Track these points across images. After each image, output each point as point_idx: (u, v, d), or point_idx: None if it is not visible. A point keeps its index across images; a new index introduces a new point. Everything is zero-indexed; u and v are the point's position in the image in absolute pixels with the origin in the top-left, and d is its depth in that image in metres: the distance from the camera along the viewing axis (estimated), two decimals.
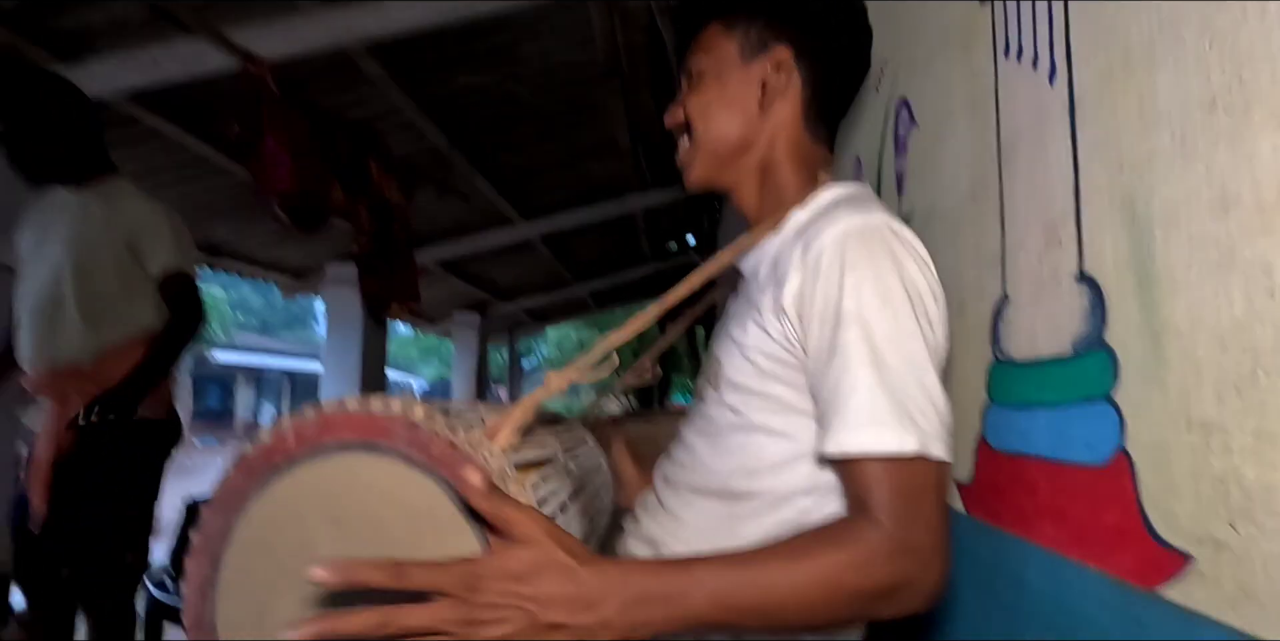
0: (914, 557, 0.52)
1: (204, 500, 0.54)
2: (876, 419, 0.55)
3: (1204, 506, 0.46)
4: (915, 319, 0.59)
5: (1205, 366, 0.47)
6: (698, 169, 0.78)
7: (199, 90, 2.61)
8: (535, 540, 0.48)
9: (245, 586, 0.52)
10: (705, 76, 0.76)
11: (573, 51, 3.19)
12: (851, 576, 0.51)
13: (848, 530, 0.54)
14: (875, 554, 0.52)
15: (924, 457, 0.54)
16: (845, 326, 0.58)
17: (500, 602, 0.47)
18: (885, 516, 0.53)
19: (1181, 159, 0.50)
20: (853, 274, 0.59)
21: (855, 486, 0.56)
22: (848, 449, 0.55)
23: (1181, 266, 0.50)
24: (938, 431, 0.56)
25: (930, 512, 0.54)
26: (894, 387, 0.56)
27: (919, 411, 0.55)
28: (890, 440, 0.54)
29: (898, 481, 0.54)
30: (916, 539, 0.53)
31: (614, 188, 4.99)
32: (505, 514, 0.48)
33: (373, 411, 0.51)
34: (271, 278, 4.95)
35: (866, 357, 0.57)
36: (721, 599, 0.50)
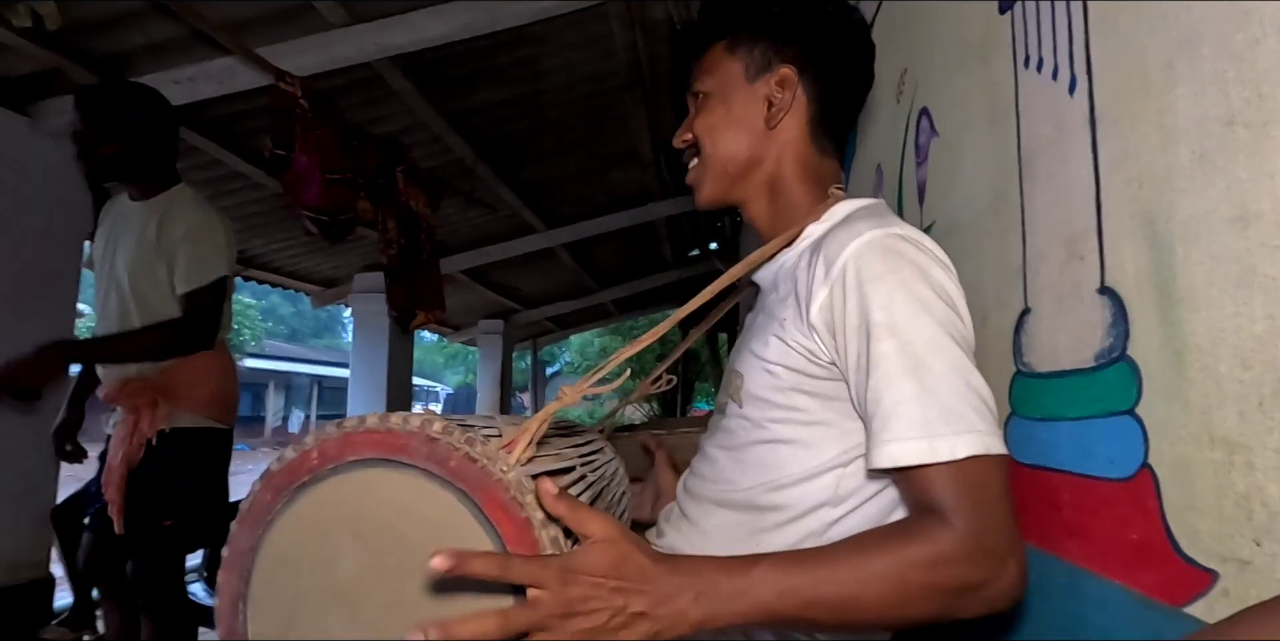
0: (990, 557, 0.52)
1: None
2: (928, 426, 0.55)
3: (1227, 524, 0.46)
4: (950, 322, 0.59)
5: (1227, 383, 0.47)
6: (708, 188, 0.79)
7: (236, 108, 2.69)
8: (613, 538, 0.50)
9: (274, 599, 0.54)
10: (711, 97, 0.78)
11: (595, 63, 3.22)
12: (925, 573, 0.51)
13: (919, 527, 0.54)
14: (950, 552, 0.51)
15: (986, 456, 0.54)
16: (879, 339, 0.58)
17: (592, 595, 0.49)
18: (957, 517, 0.53)
19: (1201, 174, 0.50)
20: (881, 285, 0.60)
21: (918, 493, 0.56)
22: (903, 461, 0.55)
23: (1202, 282, 0.49)
24: (993, 427, 0.56)
25: (1000, 510, 0.54)
26: (941, 392, 0.56)
27: (974, 410, 0.56)
28: (945, 447, 0.54)
29: (962, 484, 0.54)
30: (990, 538, 0.52)
31: (636, 196, 5.02)
32: (581, 515, 0.51)
33: (392, 427, 0.52)
34: (302, 287, 5.05)
35: (907, 367, 0.57)
36: (790, 592, 0.51)
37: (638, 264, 7.19)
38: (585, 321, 9.70)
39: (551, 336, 10.06)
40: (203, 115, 2.72)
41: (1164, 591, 0.52)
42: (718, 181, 0.78)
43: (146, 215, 1.73)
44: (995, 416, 0.57)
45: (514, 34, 2.64)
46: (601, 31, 2.94)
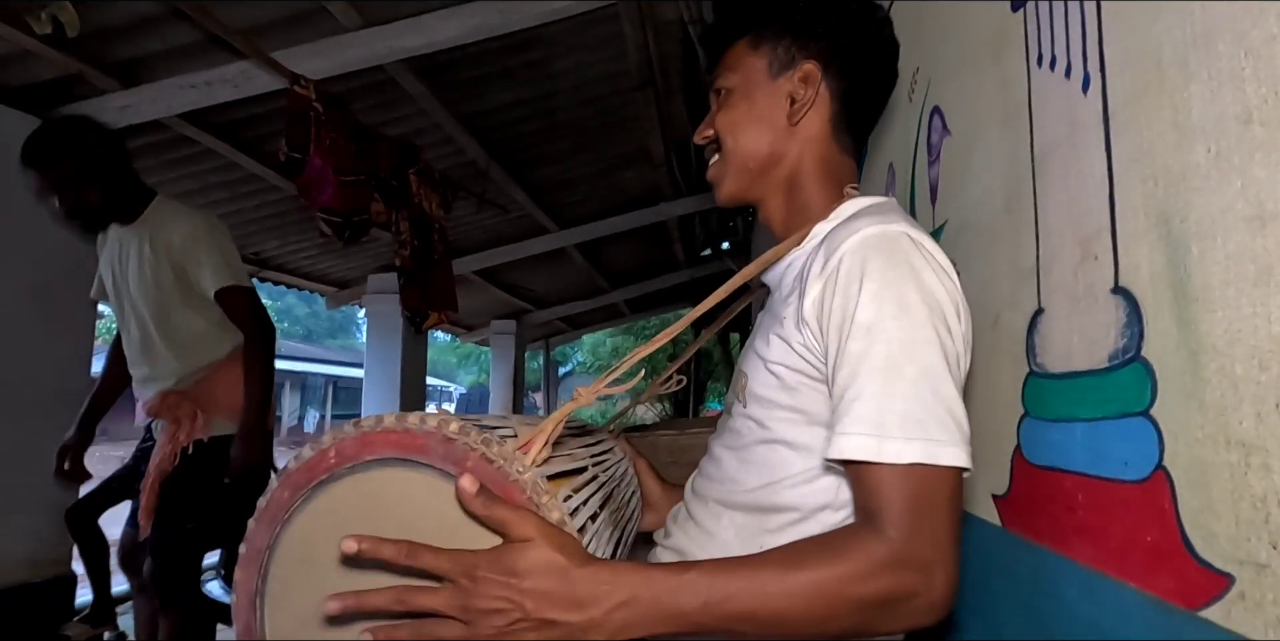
0: (915, 569, 0.51)
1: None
2: (879, 427, 0.54)
3: (1244, 527, 0.45)
4: (932, 328, 0.58)
5: (1244, 384, 0.46)
6: (728, 184, 0.79)
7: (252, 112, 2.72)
8: (530, 539, 0.50)
9: (290, 597, 0.54)
10: (734, 93, 0.77)
11: (606, 64, 3.23)
12: (848, 586, 0.50)
13: (848, 539, 0.53)
14: (874, 564, 0.51)
15: (934, 466, 0.53)
16: (856, 335, 0.58)
17: (496, 594, 0.49)
18: (889, 525, 0.52)
19: (1217, 173, 0.49)
20: (869, 283, 0.59)
21: (861, 494, 0.56)
22: (848, 454, 0.55)
23: (1219, 282, 0.49)
24: (954, 438, 0.55)
25: (938, 523, 0.53)
26: (904, 396, 0.55)
27: (933, 419, 0.54)
28: (892, 449, 0.53)
29: (904, 490, 0.53)
30: (919, 550, 0.51)
31: (648, 196, 5.02)
32: (499, 515, 0.50)
33: (409, 427, 0.53)
34: (317, 288, 5.10)
35: (877, 364, 0.56)
36: (714, 604, 0.50)
37: (650, 264, 7.19)
38: (597, 321, 9.72)
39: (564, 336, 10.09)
40: (219, 119, 2.75)
41: (1179, 595, 0.51)
42: (739, 178, 0.78)
43: (139, 236, 1.74)
44: (960, 429, 0.56)
45: (525, 36, 2.65)
46: (612, 32, 2.94)
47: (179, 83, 2.35)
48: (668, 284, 7.61)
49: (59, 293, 2.36)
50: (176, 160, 2.98)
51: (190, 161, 3.02)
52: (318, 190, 2.30)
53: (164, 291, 1.74)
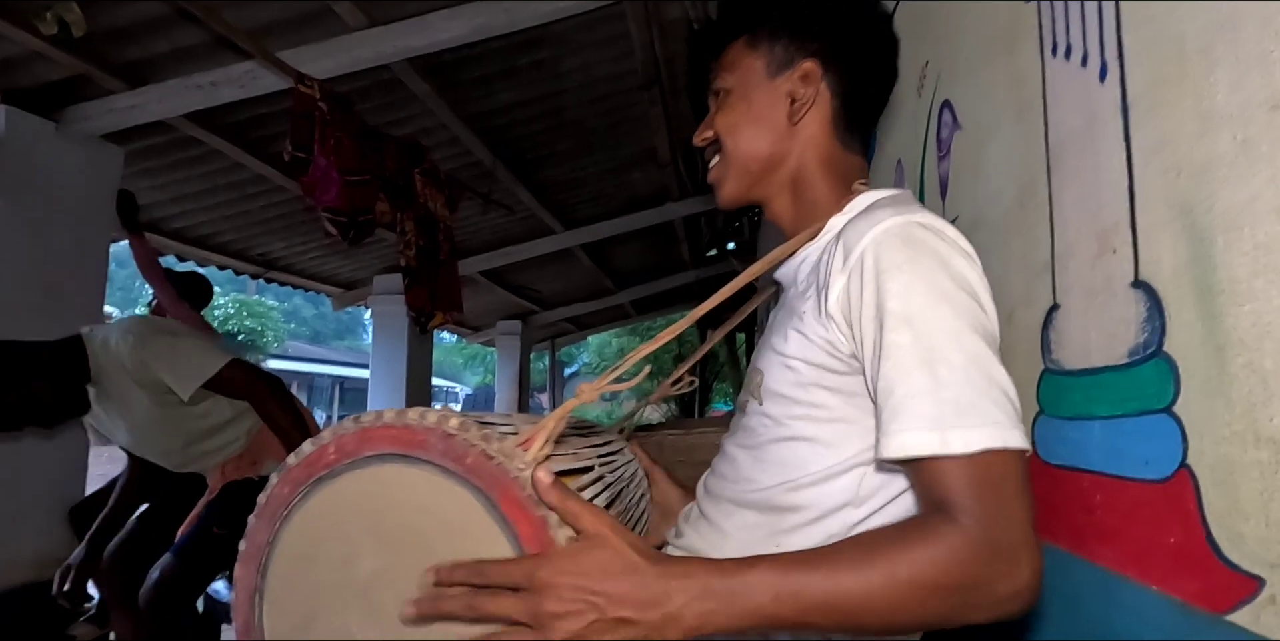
0: (1001, 556, 0.49)
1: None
2: (939, 419, 0.52)
3: (1274, 528, 0.44)
4: (970, 313, 0.57)
5: (1273, 379, 0.44)
6: (730, 186, 0.78)
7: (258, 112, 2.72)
8: (602, 536, 0.49)
9: (290, 594, 0.53)
10: (732, 94, 0.76)
11: (612, 64, 3.22)
12: (931, 574, 0.48)
13: (926, 526, 0.51)
14: (956, 551, 0.49)
15: (1002, 450, 0.51)
16: (893, 329, 0.56)
17: (570, 597, 0.48)
18: (965, 514, 0.50)
19: (1244, 161, 0.48)
20: (899, 274, 0.57)
21: (929, 488, 0.53)
22: (912, 452, 0.53)
23: (1246, 274, 0.47)
24: (1014, 420, 0.53)
25: (1015, 507, 0.50)
26: (958, 384, 0.53)
27: (992, 402, 0.53)
28: (957, 439, 0.51)
29: (975, 478, 0.51)
30: (1001, 536, 0.49)
31: (654, 196, 5.01)
32: (572, 508, 0.50)
33: (409, 423, 0.51)
34: (323, 289, 5.11)
35: (922, 359, 0.54)
36: (788, 596, 0.48)
37: (656, 264, 7.18)
38: (603, 322, 9.70)
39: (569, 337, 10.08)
40: (225, 119, 2.75)
41: (1205, 598, 0.50)
42: (740, 179, 0.77)
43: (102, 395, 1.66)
44: (1017, 410, 0.54)
45: (531, 35, 2.65)
46: (618, 31, 2.93)
47: (185, 83, 2.35)
48: (674, 284, 7.59)
49: (67, 293, 2.37)
50: (183, 161, 2.99)
51: (196, 162, 3.02)
52: (322, 190, 2.29)
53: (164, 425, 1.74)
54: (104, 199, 2.55)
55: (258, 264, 4.31)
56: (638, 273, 7.24)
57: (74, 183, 2.41)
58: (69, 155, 2.39)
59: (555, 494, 0.49)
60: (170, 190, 3.23)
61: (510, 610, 0.48)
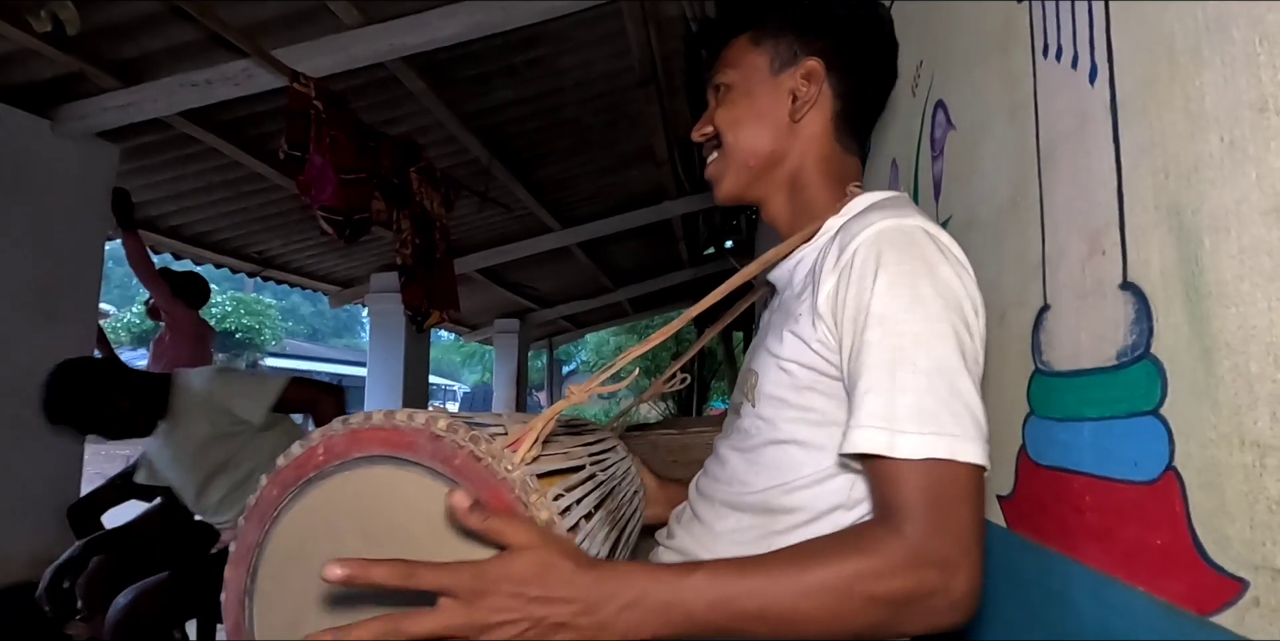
0: (935, 567, 0.49)
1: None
2: (892, 421, 0.53)
3: (1259, 530, 0.44)
4: (948, 322, 0.57)
5: (1259, 383, 0.44)
6: (728, 183, 0.77)
7: (254, 110, 2.72)
8: (534, 545, 0.48)
9: (280, 596, 0.53)
10: (733, 90, 0.76)
11: (610, 62, 3.22)
12: (863, 585, 0.49)
13: (864, 536, 0.51)
14: (891, 562, 0.49)
15: (951, 461, 0.52)
16: (870, 327, 0.57)
17: (507, 605, 0.47)
18: (908, 523, 0.50)
19: (1231, 163, 0.48)
20: (884, 275, 0.58)
21: (878, 489, 0.54)
22: (860, 447, 0.53)
23: (1233, 277, 0.47)
24: (971, 434, 0.53)
25: (960, 520, 0.51)
26: (918, 390, 0.53)
27: (950, 414, 0.53)
28: (905, 444, 0.52)
29: (920, 486, 0.51)
30: (938, 548, 0.50)
31: (652, 194, 5.01)
32: (495, 526, 0.48)
33: (398, 424, 0.52)
34: (320, 287, 5.10)
35: (888, 358, 0.55)
36: (723, 604, 0.48)
37: (653, 263, 7.18)
38: (601, 320, 9.71)
39: (567, 335, 10.08)
40: (221, 117, 2.75)
41: (1190, 599, 0.50)
42: (739, 176, 0.77)
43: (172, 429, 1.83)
44: (978, 424, 0.54)
45: (527, 33, 2.64)
46: (615, 29, 2.93)
47: (180, 81, 2.34)
48: (671, 283, 7.60)
49: (61, 294, 2.36)
50: (179, 159, 2.98)
51: (192, 160, 3.01)
52: (318, 188, 2.29)
53: (213, 451, 1.83)
54: (99, 197, 2.54)
55: (254, 262, 4.31)
56: (635, 271, 7.24)
57: (69, 181, 2.41)
58: (63, 153, 2.39)
59: (473, 518, 0.47)
60: (166, 188, 3.22)
61: (442, 625, 0.46)
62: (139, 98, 2.37)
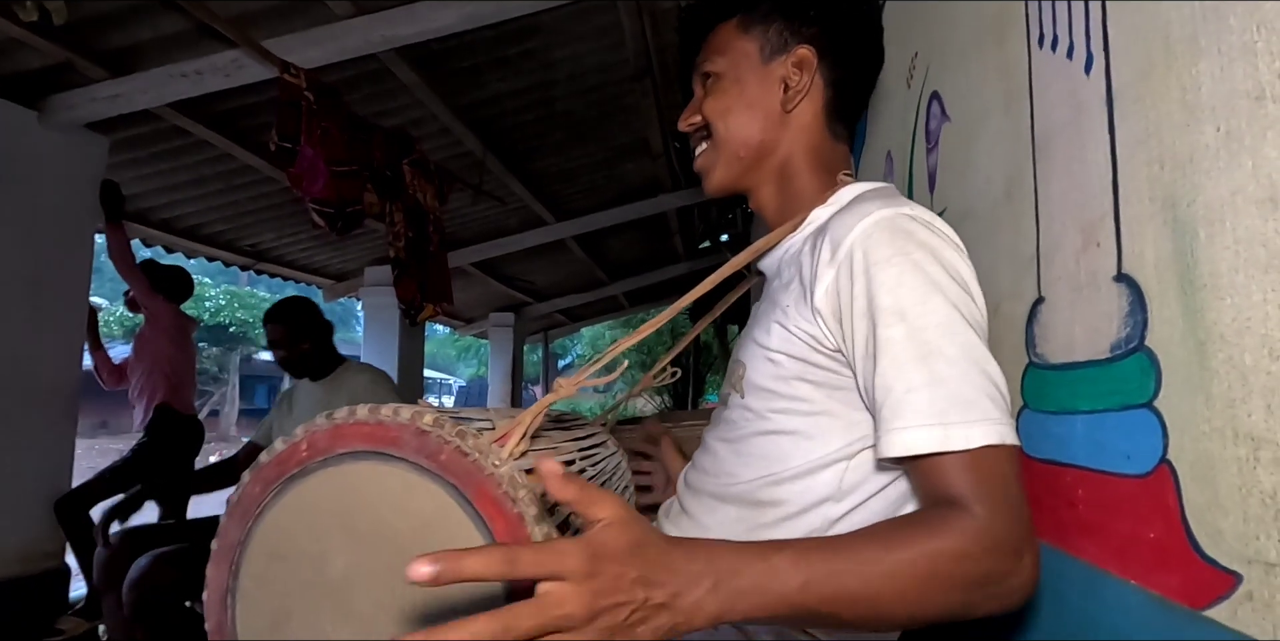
0: (1008, 549, 0.49)
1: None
2: (941, 415, 0.52)
3: (1253, 524, 0.43)
4: (963, 305, 0.56)
5: (1253, 375, 0.44)
6: (719, 174, 0.76)
7: (246, 102, 2.69)
8: (627, 520, 0.44)
9: (263, 594, 0.53)
10: (723, 79, 0.74)
11: (604, 54, 3.19)
12: (947, 566, 0.48)
13: (942, 518, 0.50)
14: (971, 544, 0.48)
15: (1001, 445, 0.52)
16: (887, 324, 0.55)
17: (614, 586, 0.41)
18: (977, 506, 0.50)
19: (1227, 153, 0.47)
20: (890, 268, 0.57)
21: (932, 484, 0.53)
22: (915, 449, 0.52)
23: (1227, 268, 0.47)
24: (1006, 416, 0.53)
25: (1017, 502, 0.51)
26: (955, 379, 0.53)
27: (988, 398, 0.53)
28: (959, 436, 0.51)
29: (978, 474, 0.51)
30: (1008, 530, 0.49)
31: (647, 188, 4.99)
32: (591, 496, 0.43)
33: (383, 419, 0.51)
34: (314, 281, 5.08)
35: (919, 353, 0.54)
36: (813, 585, 0.46)
37: (649, 256, 7.16)
38: (597, 314, 9.69)
39: (563, 329, 10.07)
40: (212, 109, 2.72)
41: (1183, 593, 0.50)
42: (730, 167, 0.76)
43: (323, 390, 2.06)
44: (1008, 404, 0.54)
45: (521, 23, 2.62)
46: (609, 21, 2.91)
47: (169, 72, 2.32)
48: (667, 276, 7.58)
49: (50, 287, 2.35)
50: (169, 151, 2.95)
51: (183, 152, 2.99)
52: (310, 181, 2.27)
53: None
54: (88, 189, 2.52)
55: (247, 255, 4.28)
56: (631, 264, 7.22)
57: (57, 173, 2.38)
58: (52, 145, 2.36)
59: (572, 487, 0.42)
60: (157, 181, 3.19)
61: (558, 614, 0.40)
62: (128, 89, 2.34)
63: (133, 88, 2.34)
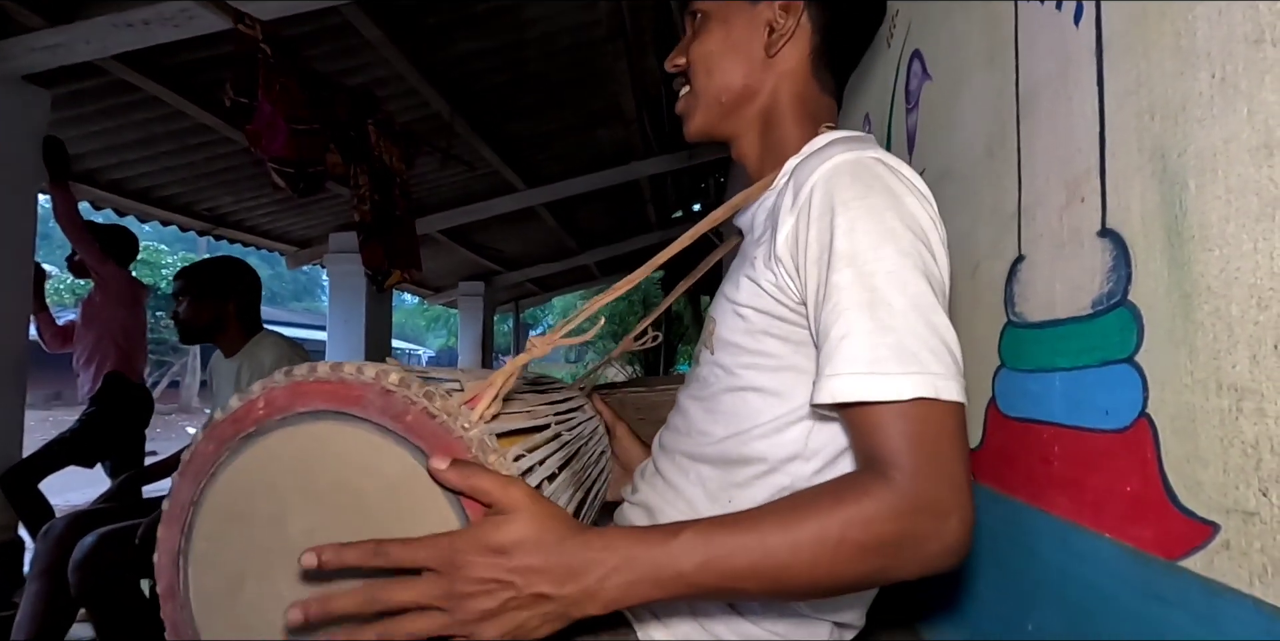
0: (929, 511, 0.48)
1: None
2: (876, 363, 0.50)
3: (1233, 474, 0.43)
4: (918, 255, 0.54)
5: (1239, 326, 0.43)
6: (698, 118, 0.74)
7: (200, 56, 2.55)
8: (515, 510, 0.46)
9: (218, 557, 0.50)
10: (710, 19, 0.72)
11: (576, 13, 3.09)
12: (853, 533, 0.47)
13: (851, 485, 0.49)
14: (882, 509, 0.47)
15: (936, 401, 0.49)
16: (838, 268, 0.53)
17: (485, 576, 0.45)
18: (895, 468, 0.48)
19: (1221, 100, 0.46)
20: (846, 212, 0.54)
21: (861, 437, 0.52)
22: (841, 396, 0.51)
23: (1217, 219, 0.46)
24: (951, 371, 0.51)
25: (947, 460, 0.49)
26: (897, 329, 0.51)
27: (930, 351, 0.50)
28: (891, 386, 0.49)
29: (908, 429, 0.49)
30: (930, 490, 0.48)
31: (619, 154, 4.90)
32: (480, 484, 0.46)
33: (345, 377, 0.48)
34: (276, 247, 4.93)
35: (862, 299, 0.52)
36: (714, 563, 0.47)
37: (621, 225, 7.10)
38: (568, 284, 9.62)
39: (534, 299, 9.99)
40: (162, 62, 2.58)
41: (1158, 545, 0.50)
42: (709, 112, 0.73)
43: (237, 366, 1.88)
44: (957, 361, 0.52)
45: None
46: None
47: (113, 21, 2.17)
48: (639, 245, 7.52)
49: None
50: (116, 107, 2.80)
51: (131, 109, 2.84)
52: (269, 138, 2.18)
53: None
54: (29, 146, 2.38)
55: (205, 220, 4.13)
56: (603, 233, 7.15)
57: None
58: None
59: (454, 474, 0.46)
60: (104, 139, 3.04)
61: (419, 596, 0.45)
62: (68, 38, 2.19)
63: (73, 37, 2.20)
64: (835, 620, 0.65)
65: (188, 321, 1.87)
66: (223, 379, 1.93)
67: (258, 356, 1.86)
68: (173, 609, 0.50)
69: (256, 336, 1.92)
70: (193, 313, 1.86)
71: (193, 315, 1.86)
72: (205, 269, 1.90)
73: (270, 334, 1.95)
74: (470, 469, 0.46)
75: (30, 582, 1.64)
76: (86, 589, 1.52)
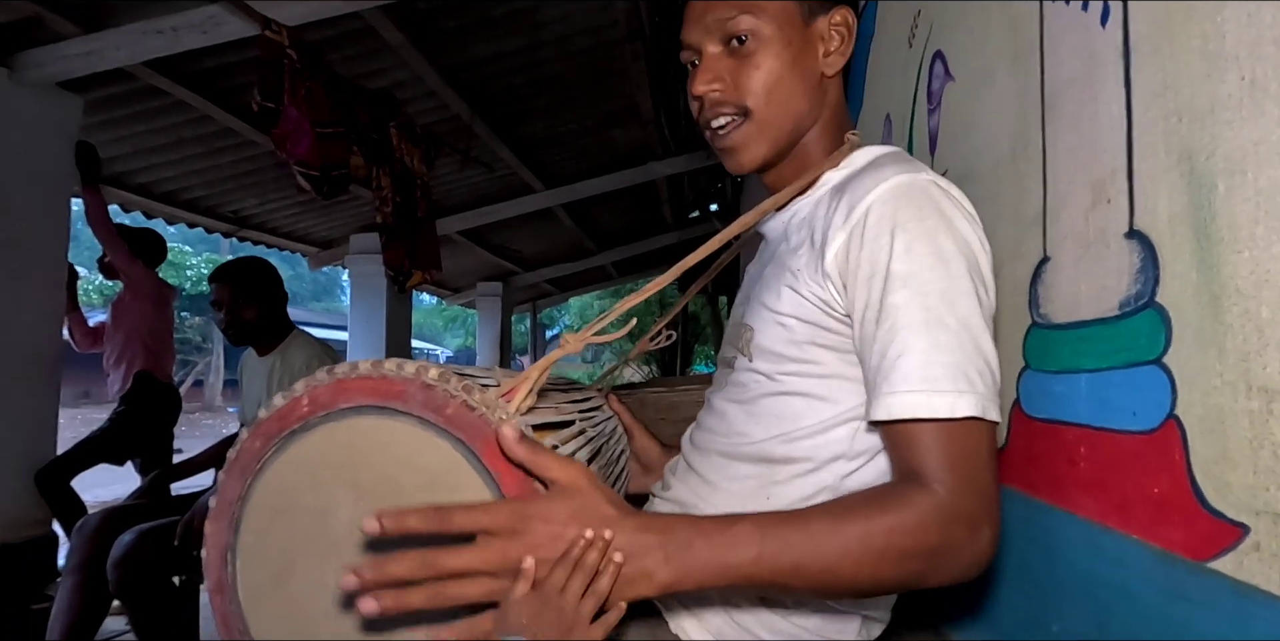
0: (966, 523, 0.50)
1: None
2: (930, 382, 0.52)
3: (1263, 476, 0.44)
4: (970, 278, 0.56)
5: (1270, 328, 0.44)
6: (760, 149, 0.68)
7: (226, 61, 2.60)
8: (578, 488, 0.48)
9: (265, 550, 0.52)
10: (762, 41, 0.66)
11: (593, 15, 3.11)
12: (899, 539, 0.50)
13: (897, 494, 0.52)
14: (925, 518, 0.50)
15: (981, 420, 0.52)
16: (894, 289, 0.55)
17: (544, 544, 0.46)
18: (938, 482, 0.51)
19: (1251, 102, 0.46)
20: (903, 233, 0.56)
21: (905, 451, 0.54)
22: (899, 414, 0.53)
23: (1246, 221, 0.46)
24: (992, 392, 0.54)
25: (983, 477, 0.52)
26: (950, 349, 0.53)
27: (976, 372, 0.53)
28: (944, 404, 0.52)
29: (951, 446, 0.52)
30: (967, 504, 0.51)
31: (636, 155, 4.91)
32: (544, 460, 0.48)
33: (386, 374, 0.50)
34: (298, 248, 4.99)
35: (919, 319, 0.54)
36: (766, 557, 0.49)
37: (638, 225, 7.11)
38: (585, 284, 9.65)
39: (551, 299, 10.03)
40: (189, 68, 2.63)
41: (1186, 546, 0.50)
42: (776, 142, 0.68)
43: (270, 364, 1.92)
44: (996, 382, 0.55)
45: None
46: None
47: (143, 28, 2.22)
48: (656, 246, 7.53)
49: (28, 253, 2.28)
50: (145, 112, 2.86)
51: (160, 114, 2.89)
52: (294, 142, 2.21)
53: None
54: (62, 150, 2.44)
55: (229, 222, 4.19)
56: (619, 233, 7.16)
57: (30, 132, 2.30)
58: (23, 103, 2.28)
59: (522, 448, 0.47)
60: (134, 143, 3.10)
61: (476, 561, 0.46)
62: (100, 45, 2.25)
63: (105, 44, 2.25)
64: (864, 614, 0.66)
65: (247, 322, 1.89)
66: (254, 375, 1.96)
67: (290, 355, 1.90)
68: (222, 603, 0.52)
69: (290, 335, 1.97)
70: (249, 313, 1.89)
71: (249, 316, 1.89)
72: (247, 270, 1.93)
73: (302, 333, 1.99)
74: (536, 445, 0.48)
75: (66, 576, 1.69)
76: (125, 584, 1.56)
